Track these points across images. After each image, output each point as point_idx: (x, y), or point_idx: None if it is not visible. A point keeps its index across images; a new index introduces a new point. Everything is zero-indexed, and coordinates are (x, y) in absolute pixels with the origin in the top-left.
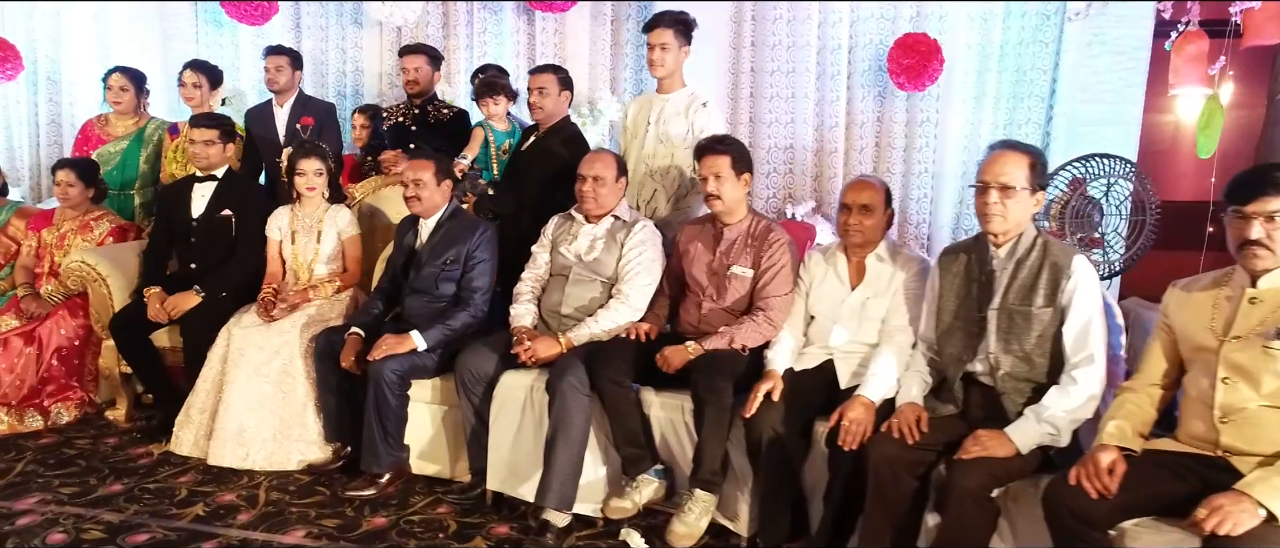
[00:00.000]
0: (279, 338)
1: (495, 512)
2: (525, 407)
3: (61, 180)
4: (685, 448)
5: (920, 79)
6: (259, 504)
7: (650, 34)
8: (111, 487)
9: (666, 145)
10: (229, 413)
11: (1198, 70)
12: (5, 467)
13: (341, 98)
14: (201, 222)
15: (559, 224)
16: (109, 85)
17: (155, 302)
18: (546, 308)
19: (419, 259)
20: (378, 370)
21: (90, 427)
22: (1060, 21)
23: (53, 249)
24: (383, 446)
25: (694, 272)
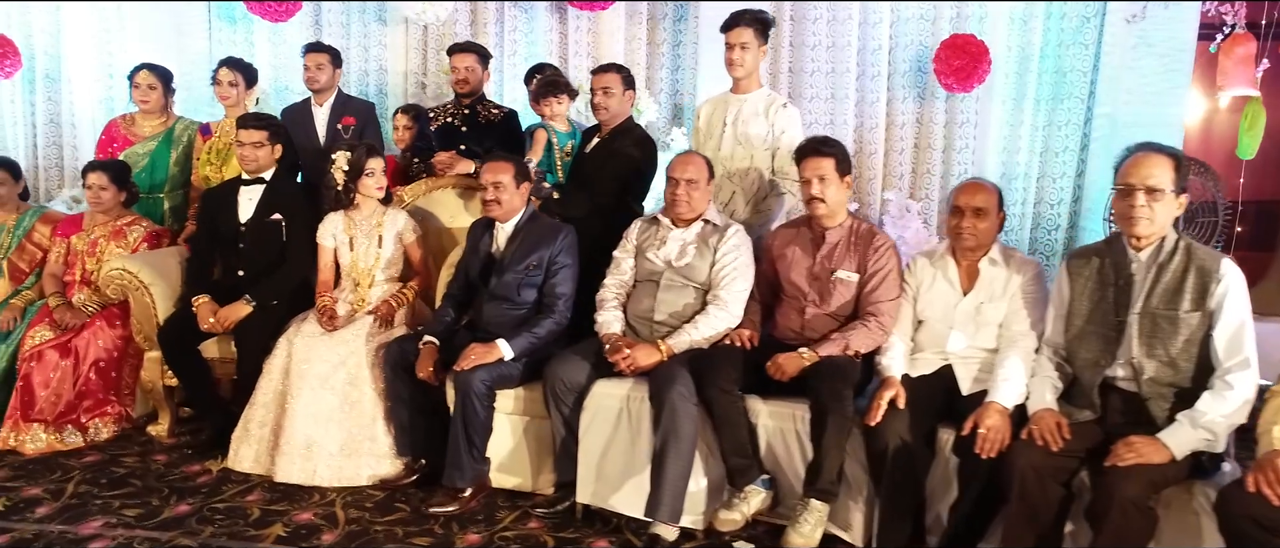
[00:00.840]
0: (344, 348)
1: (588, 526)
2: (620, 417)
3: (93, 184)
4: (793, 457)
5: (969, 81)
6: (340, 523)
7: (729, 33)
8: (177, 508)
9: (746, 147)
10: (295, 427)
11: (1246, 72)
12: (55, 487)
13: (364, 97)
14: (250, 227)
15: (644, 228)
16: (136, 83)
17: (206, 312)
18: (635, 314)
19: (500, 265)
20: (466, 381)
21: (132, 443)
22: (1100, 23)
23: (84, 256)
24: (467, 458)
25: (792, 276)
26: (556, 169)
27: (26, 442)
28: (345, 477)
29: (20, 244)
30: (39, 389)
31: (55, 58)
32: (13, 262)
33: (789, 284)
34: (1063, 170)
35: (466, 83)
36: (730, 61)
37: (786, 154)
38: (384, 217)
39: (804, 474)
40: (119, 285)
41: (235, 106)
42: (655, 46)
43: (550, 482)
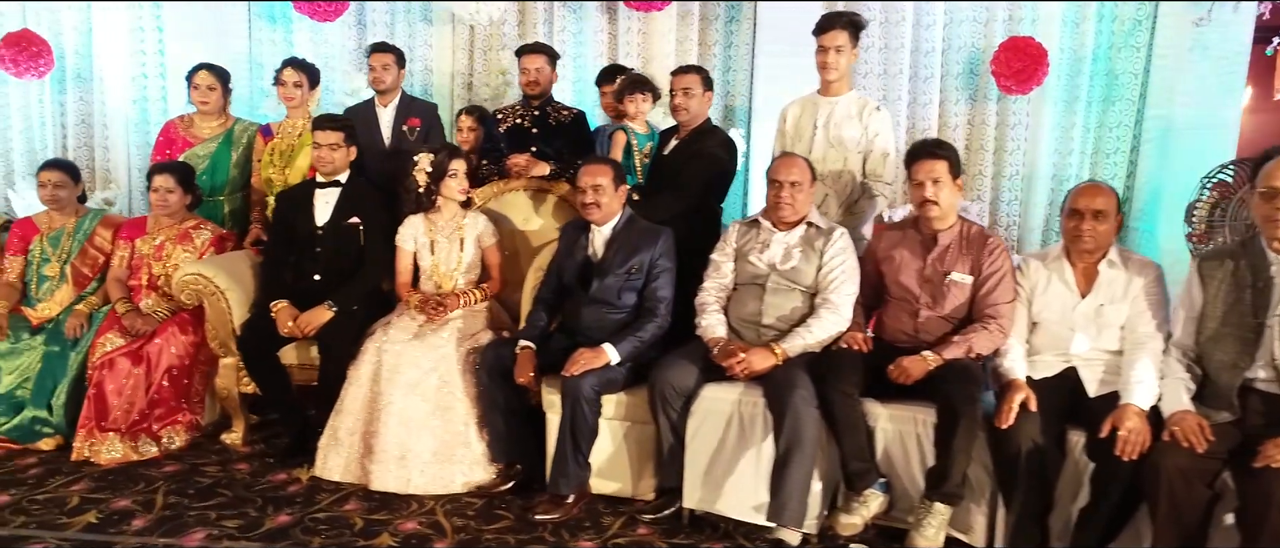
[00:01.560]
0: (435, 354)
1: (696, 531)
2: (730, 421)
3: (160, 186)
4: (910, 460)
5: (1028, 83)
6: (448, 532)
7: (824, 36)
8: (278, 518)
9: (839, 149)
10: (388, 435)
11: None
12: (144, 498)
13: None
14: (327, 231)
15: (744, 231)
16: (195, 84)
17: (286, 317)
18: (740, 318)
19: (600, 268)
20: (576, 387)
21: (206, 452)
22: (1151, 26)
23: (150, 260)
24: (573, 465)
25: (901, 279)
26: (635, 171)
27: (102, 452)
28: (440, 484)
29: (82, 248)
30: (112, 398)
31: (86, 57)
32: (76, 266)
33: (897, 286)
34: (1114, 172)
35: (537, 84)
36: (824, 64)
37: (880, 157)
38: (464, 220)
39: (925, 477)
40: (194, 291)
41: (298, 107)
42: (706, 48)
43: (651, 487)
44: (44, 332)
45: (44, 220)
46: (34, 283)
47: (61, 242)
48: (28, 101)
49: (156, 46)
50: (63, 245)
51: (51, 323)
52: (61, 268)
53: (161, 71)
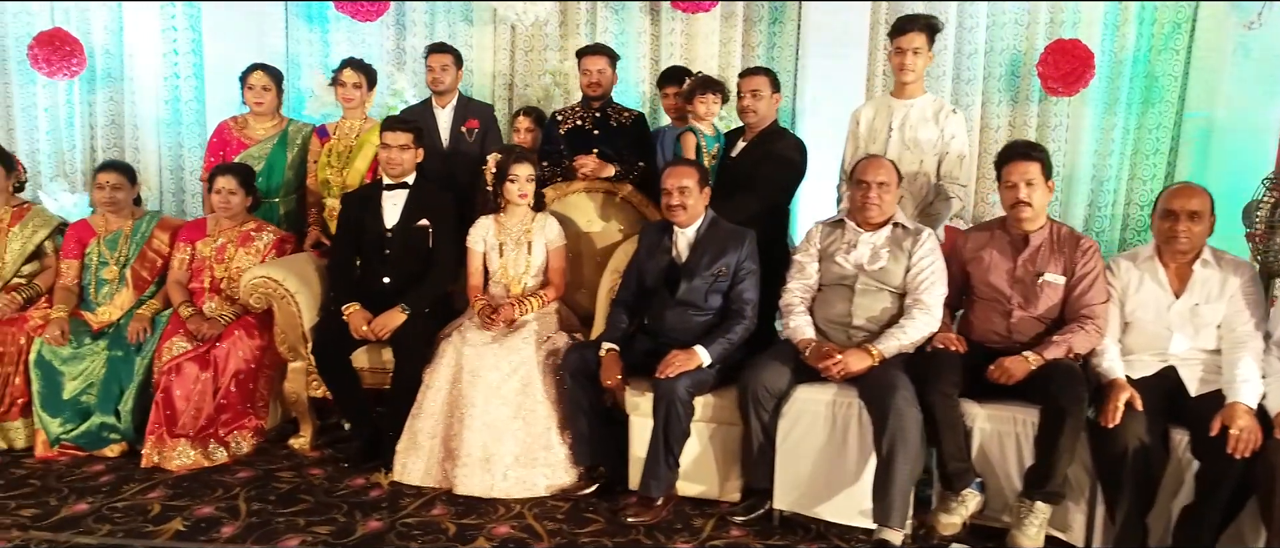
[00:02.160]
0: (515, 357)
1: (788, 533)
2: (824, 423)
3: (223, 188)
4: (1006, 460)
5: (1076, 85)
6: (543, 537)
7: (901, 38)
8: (368, 524)
9: (914, 151)
10: (471, 438)
11: None
12: (227, 505)
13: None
14: (397, 233)
15: (828, 232)
16: (249, 84)
17: (359, 320)
18: (827, 319)
19: (687, 270)
20: (671, 389)
21: (275, 457)
22: (1191, 29)
23: (211, 263)
24: (664, 467)
25: (991, 279)
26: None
27: (173, 458)
28: (524, 488)
29: (141, 251)
30: (179, 403)
31: (117, 57)
32: (135, 269)
33: (987, 287)
34: (1152, 173)
35: (598, 85)
36: (900, 66)
37: (955, 159)
38: (533, 223)
39: (1024, 477)
40: (263, 294)
41: (356, 108)
42: (750, 49)
43: (736, 489)
44: (105, 336)
45: (100, 223)
46: (92, 287)
47: (119, 244)
48: (55, 102)
49: (189, 46)
50: (120, 248)
51: (112, 327)
52: (120, 271)
53: (195, 72)
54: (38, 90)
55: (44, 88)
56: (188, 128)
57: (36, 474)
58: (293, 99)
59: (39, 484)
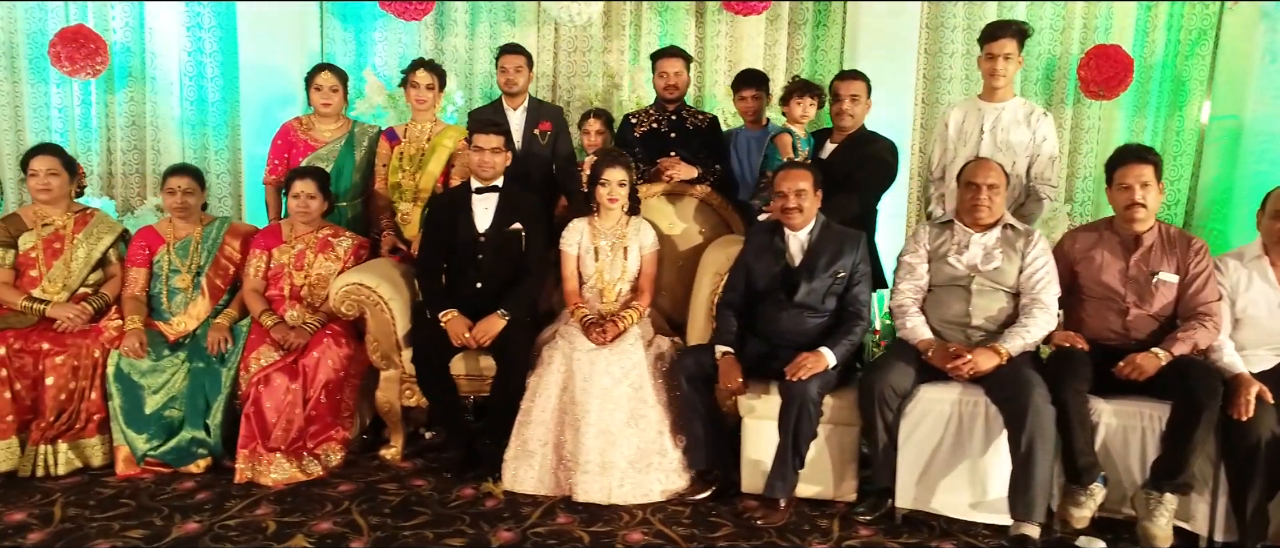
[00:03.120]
0: (626, 361)
1: (914, 531)
2: (949, 421)
3: (301, 192)
4: (1129, 454)
5: (1117, 88)
6: (679, 543)
7: (993, 43)
8: (500, 535)
9: (1007, 153)
10: (588, 445)
11: None
12: (343, 520)
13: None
14: (490, 237)
15: (936, 233)
16: (316, 85)
17: (459, 327)
18: (945, 319)
19: (805, 273)
20: (802, 391)
21: (367, 469)
22: (1215, 36)
23: (290, 270)
24: (791, 469)
25: (1103, 279)
26: None
27: (269, 472)
28: (640, 493)
29: (214, 259)
30: (269, 415)
31: (137, 55)
32: (209, 277)
33: (1099, 286)
34: (1179, 173)
35: (675, 88)
36: (991, 71)
37: (1047, 161)
38: (628, 227)
39: (1151, 469)
40: (355, 301)
41: (428, 110)
42: (794, 52)
43: (851, 489)
44: (183, 347)
45: (168, 230)
46: (163, 295)
47: (190, 252)
48: (68, 103)
49: (216, 46)
50: (191, 256)
51: (189, 338)
52: (194, 279)
53: (222, 71)
54: (51, 90)
55: (58, 87)
56: (215, 129)
57: (125, 493)
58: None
59: (133, 503)
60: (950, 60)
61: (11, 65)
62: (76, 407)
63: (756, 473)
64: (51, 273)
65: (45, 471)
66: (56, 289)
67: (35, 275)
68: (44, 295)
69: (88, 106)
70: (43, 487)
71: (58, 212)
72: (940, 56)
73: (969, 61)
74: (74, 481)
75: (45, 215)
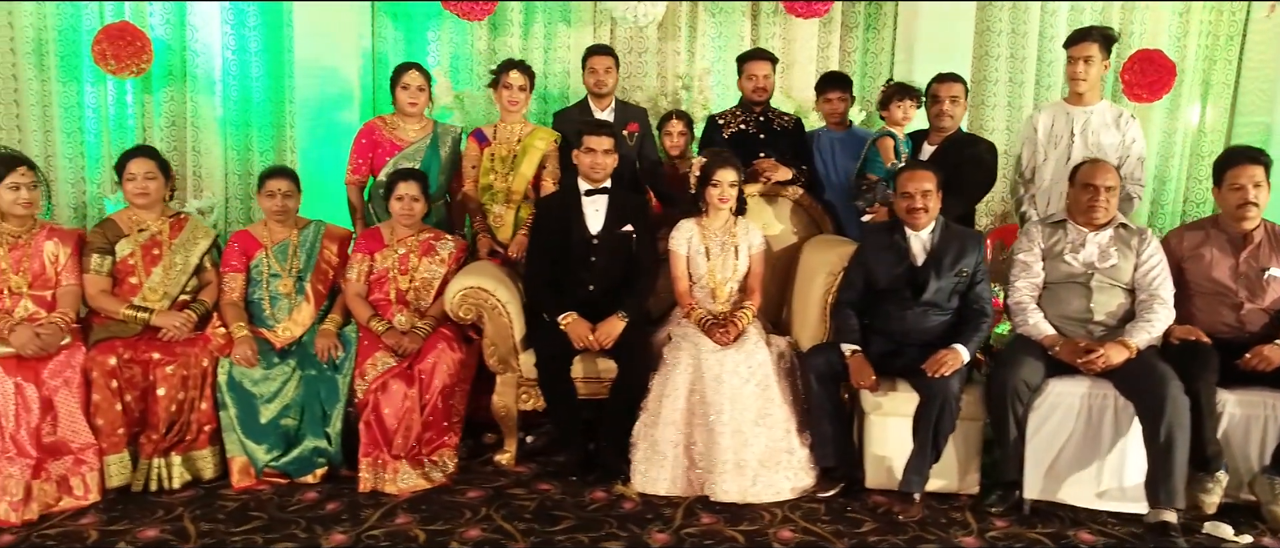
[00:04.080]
0: (752, 360)
1: (1046, 521)
2: (1077, 414)
3: (405, 194)
4: (1248, 442)
5: (1160, 91)
6: (830, 540)
7: (1074, 48)
8: (655, 536)
9: (1098, 155)
10: (723, 444)
11: None
12: (490, 526)
13: (543, 101)
14: (603, 239)
15: (1050, 232)
16: (403, 84)
17: (584, 330)
18: (1065, 315)
19: (932, 271)
20: (945, 387)
21: (484, 474)
22: (1241, 42)
23: (395, 274)
24: (927, 464)
25: (1214, 275)
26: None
27: (395, 481)
28: (771, 492)
29: (316, 263)
30: (389, 422)
31: (177, 53)
32: (312, 282)
33: (1209, 283)
34: (1206, 173)
35: (764, 90)
36: (1074, 76)
37: (1136, 161)
38: (736, 227)
39: (1275, 456)
40: (473, 304)
41: (519, 111)
42: (846, 54)
43: (974, 482)
44: (292, 355)
45: (264, 233)
46: (264, 301)
47: (288, 256)
48: (102, 102)
49: (259, 44)
50: (290, 260)
51: (295, 345)
52: (296, 284)
53: (267, 70)
54: (85, 89)
55: (92, 86)
56: (260, 130)
57: (250, 505)
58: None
59: (264, 516)
60: (996, 63)
61: (41, 63)
62: (187, 418)
63: (880, 469)
64: (151, 280)
65: (158, 485)
66: (157, 297)
67: (135, 283)
68: (145, 304)
69: (123, 106)
70: (160, 502)
71: (153, 217)
72: (986, 59)
73: (1013, 64)
74: (189, 494)
75: (141, 221)
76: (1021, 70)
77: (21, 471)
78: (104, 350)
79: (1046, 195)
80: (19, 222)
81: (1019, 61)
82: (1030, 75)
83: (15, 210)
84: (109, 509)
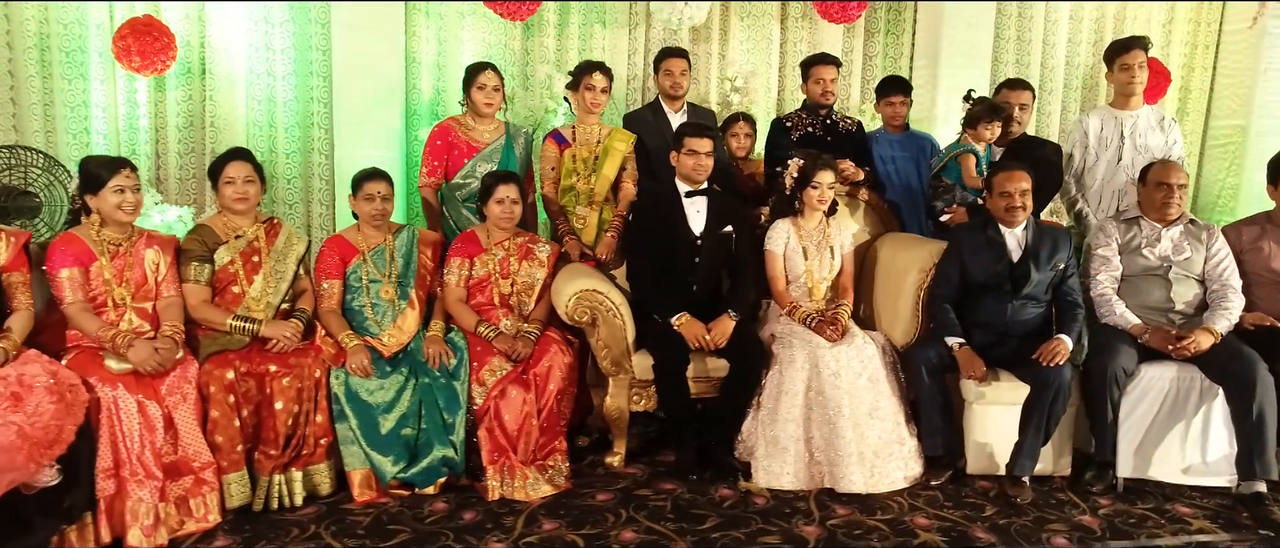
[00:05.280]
0: (862, 355)
1: (1141, 498)
2: (1167, 396)
3: (506, 197)
4: None
5: (1156, 96)
6: (964, 524)
7: (1127, 55)
8: (804, 529)
9: (1146, 155)
10: (845, 438)
11: None
12: (641, 527)
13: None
14: (706, 239)
15: (1125, 228)
16: (480, 84)
17: (700, 330)
18: (1146, 305)
19: (1032, 266)
20: (1059, 376)
21: (598, 478)
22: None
23: (496, 278)
24: (1038, 448)
25: (1274, 266)
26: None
27: (525, 488)
28: (888, 482)
29: (417, 269)
30: (510, 427)
31: (196, 50)
32: (414, 287)
33: (1269, 273)
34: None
35: (830, 94)
36: (1129, 80)
37: (1178, 160)
38: (829, 227)
39: None
40: (588, 307)
41: (599, 112)
42: (869, 58)
43: (1067, 464)
44: (402, 363)
45: (359, 238)
46: (367, 309)
47: (386, 261)
48: (112, 101)
49: (287, 42)
50: (388, 265)
51: (402, 353)
52: (398, 290)
53: (296, 69)
54: (92, 86)
55: (99, 84)
56: (286, 131)
57: (383, 520)
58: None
59: (407, 530)
60: (1003, 70)
61: (43, 59)
62: (303, 431)
63: (982, 455)
64: (253, 289)
65: (279, 502)
66: (261, 307)
67: (237, 292)
68: (249, 314)
69: (134, 106)
70: (288, 520)
71: (248, 222)
72: (997, 64)
73: (1019, 71)
74: (311, 511)
75: (237, 226)
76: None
77: (151, 494)
78: (220, 364)
79: (1098, 194)
80: (120, 228)
81: (1024, 68)
82: (1034, 80)
83: (118, 216)
84: (237, 531)
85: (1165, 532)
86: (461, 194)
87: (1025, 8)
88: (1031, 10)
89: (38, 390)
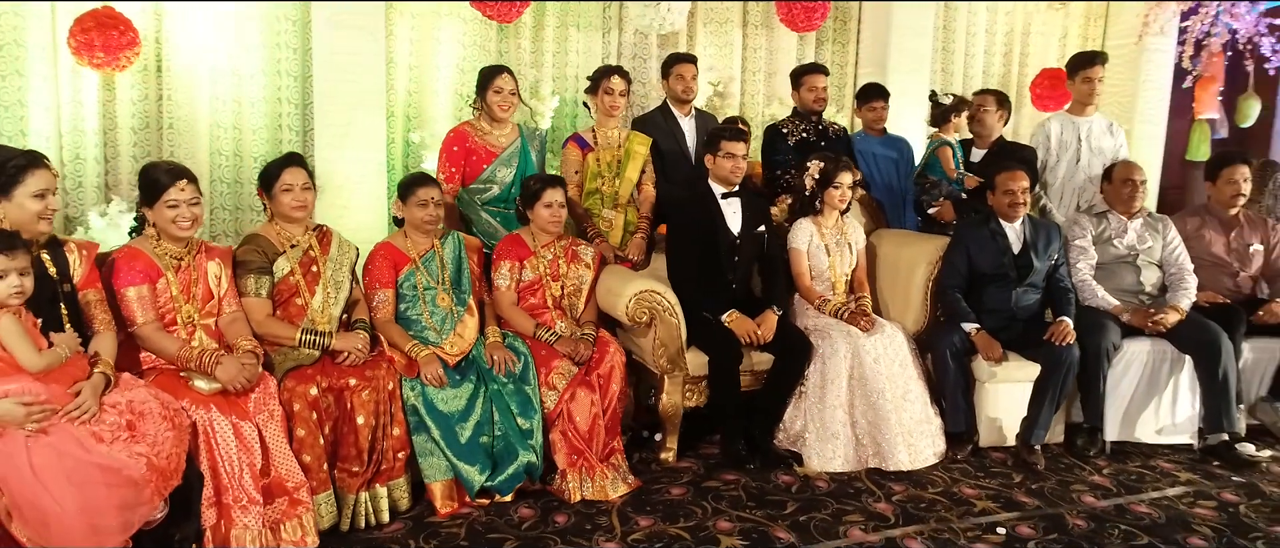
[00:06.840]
0: (893, 342)
1: (1127, 457)
2: (1144, 366)
3: (554, 201)
4: (1255, 378)
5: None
6: (1003, 493)
7: (1090, 69)
8: (877, 506)
9: (1099, 157)
10: (890, 420)
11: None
12: (732, 516)
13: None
14: (743, 238)
15: (1097, 222)
16: (497, 88)
17: (750, 326)
18: (1120, 288)
19: (1034, 256)
20: (1070, 353)
21: (661, 474)
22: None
23: (547, 281)
24: (1050, 419)
25: (1213, 251)
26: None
27: (606, 488)
28: (922, 458)
29: (470, 275)
30: (582, 429)
31: (148, 44)
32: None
33: (1210, 257)
34: None
35: (822, 101)
36: (1092, 91)
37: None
38: (845, 225)
39: (1269, 387)
40: (647, 308)
41: (618, 115)
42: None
43: (1061, 432)
44: (468, 370)
45: (408, 245)
46: (425, 317)
47: (436, 268)
48: (56, 101)
49: (254, 39)
50: (440, 272)
51: (464, 360)
52: (454, 297)
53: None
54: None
55: (42, 81)
56: (253, 132)
57: (478, 532)
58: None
59: (515, 538)
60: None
61: None
62: (382, 446)
63: (993, 429)
64: (315, 300)
65: (366, 521)
66: (325, 319)
67: (300, 304)
68: (314, 326)
69: (80, 106)
70: (379, 539)
71: (299, 231)
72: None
73: (945, 78)
74: (398, 527)
75: (291, 236)
76: (949, 85)
77: (256, 519)
78: (301, 380)
79: (1059, 192)
80: (180, 242)
81: (951, 76)
82: (962, 89)
83: (175, 231)
84: None
85: (1163, 484)
86: (481, 198)
87: (949, 19)
88: (954, 22)
89: (153, 418)
